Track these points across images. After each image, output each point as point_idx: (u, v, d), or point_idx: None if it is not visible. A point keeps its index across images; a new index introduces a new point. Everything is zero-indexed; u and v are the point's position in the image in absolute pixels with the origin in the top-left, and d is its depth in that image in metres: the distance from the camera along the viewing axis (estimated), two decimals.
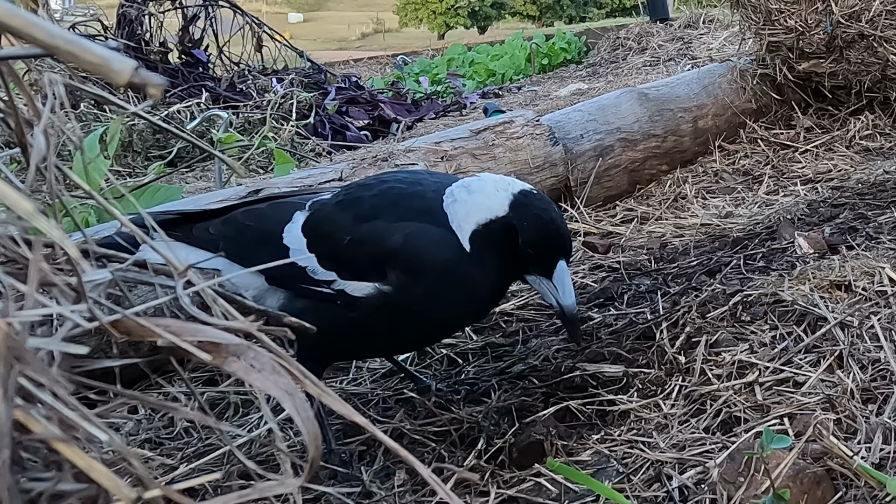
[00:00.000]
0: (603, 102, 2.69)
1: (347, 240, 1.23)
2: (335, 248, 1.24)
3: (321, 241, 1.25)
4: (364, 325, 1.25)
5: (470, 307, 1.31)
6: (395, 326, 1.26)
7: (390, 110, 4.36)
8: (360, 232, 1.23)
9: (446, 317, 1.30)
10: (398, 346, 1.40)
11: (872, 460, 1.10)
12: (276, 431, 0.65)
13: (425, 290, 1.22)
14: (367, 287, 1.22)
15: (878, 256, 1.65)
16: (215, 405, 1.55)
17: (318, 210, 1.29)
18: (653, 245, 2.08)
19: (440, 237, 1.23)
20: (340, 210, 1.27)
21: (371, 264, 1.22)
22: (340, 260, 1.24)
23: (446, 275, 1.23)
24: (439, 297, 1.24)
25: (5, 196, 0.54)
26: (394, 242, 1.21)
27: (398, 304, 1.22)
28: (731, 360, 1.37)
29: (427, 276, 1.22)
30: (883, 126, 2.83)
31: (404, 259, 1.21)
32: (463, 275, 1.23)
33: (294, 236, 1.27)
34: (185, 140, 3.25)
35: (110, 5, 4.92)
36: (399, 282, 1.21)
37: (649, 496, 1.15)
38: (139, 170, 3.15)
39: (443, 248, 1.23)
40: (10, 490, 0.48)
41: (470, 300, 1.28)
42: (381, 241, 1.22)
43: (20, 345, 0.51)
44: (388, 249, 1.21)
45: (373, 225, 1.23)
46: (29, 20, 0.53)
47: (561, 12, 32.18)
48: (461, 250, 1.23)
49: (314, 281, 1.24)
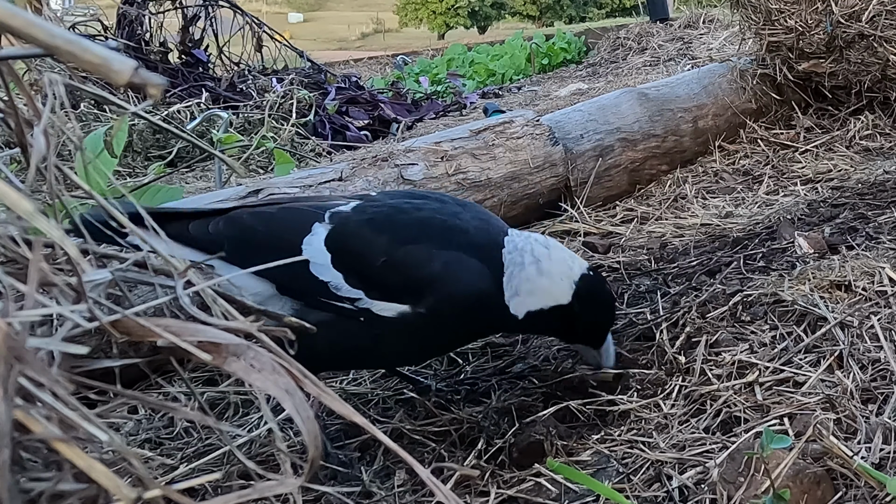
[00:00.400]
0: (603, 102, 2.69)
1: (382, 261, 1.23)
2: (366, 268, 1.24)
3: (349, 259, 1.24)
4: (383, 342, 1.26)
5: (488, 332, 1.44)
6: (416, 344, 1.29)
7: (390, 110, 4.36)
8: (398, 254, 1.24)
9: (466, 338, 1.39)
10: (409, 360, 1.44)
11: (872, 460, 1.10)
12: (276, 431, 0.65)
13: (458, 315, 1.25)
14: (396, 308, 1.23)
15: (878, 256, 1.65)
16: (215, 405, 1.55)
17: (342, 224, 1.27)
18: (653, 245, 2.08)
19: (480, 269, 1.26)
20: (372, 230, 1.26)
21: (405, 287, 1.23)
22: (370, 280, 1.23)
23: (480, 305, 1.27)
24: (468, 322, 1.29)
25: (5, 196, 0.54)
26: (434, 267, 1.23)
27: (427, 325, 1.24)
28: (731, 360, 1.37)
29: (462, 302, 1.25)
30: (883, 126, 2.83)
31: (444, 284, 1.23)
32: (494, 308, 1.28)
33: (316, 250, 1.25)
34: (185, 140, 3.25)
35: (110, 5, 4.92)
36: (433, 306, 1.23)
37: (649, 496, 1.15)
38: (139, 170, 3.15)
39: (481, 279, 1.26)
40: (10, 490, 0.48)
41: (491, 328, 1.38)
42: (421, 265, 1.23)
43: (20, 345, 0.51)
44: (427, 274, 1.23)
45: (412, 248, 1.24)
46: (29, 20, 0.53)
47: (561, 12, 32.18)
48: (498, 286, 1.27)
49: (336, 296, 1.24)
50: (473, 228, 1.30)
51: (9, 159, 1.53)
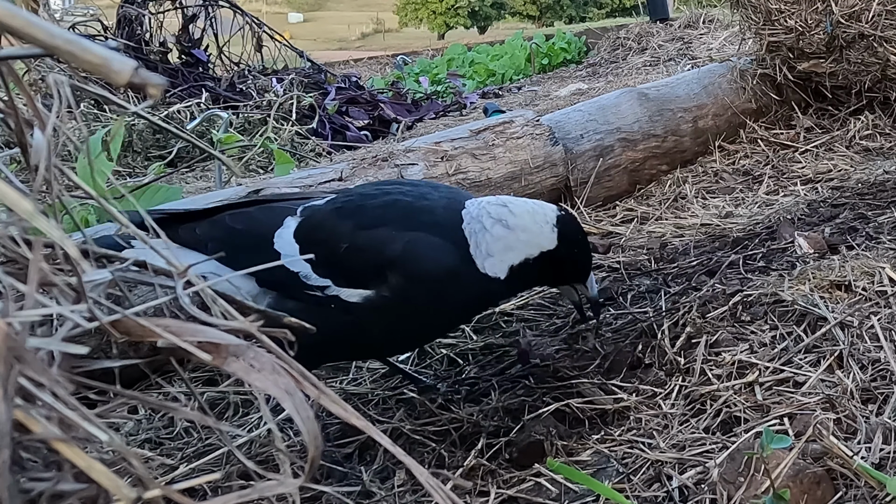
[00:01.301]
0: (603, 102, 2.69)
1: (344, 247, 1.24)
2: (331, 255, 1.24)
3: (316, 248, 1.25)
4: (358, 328, 1.26)
5: (469, 312, 1.37)
6: (391, 329, 1.28)
7: (390, 110, 4.36)
8: (359, 239, 1.24)
9: (445, 321, 1.34)
10: (393, 348, 1.42)
11: (872, 460, 1.10)
12: (276, 431, 0.65)
13: (426, 295, 1.24)
14: (361, 293, 1.23)
15: (878, 256, 1.65)
16: (215, 405, 1.55)
17: (311, 216, 1.29)
18: (653, 245, 2.08)
19: (442, 245, 1.25)
20: (338, 217, 1.27)
21: (369, 272, 1.23)
22: (336, 267, 1.24)
23: (449, 282, 1.25)
24: (439, 302, 1.26)
25: (5, 196, 0.54)
26: (394, 249, 1.23)
27: (395, 308, 1.23)
28: (731, 360, 1.37)
29: (428, 282, 1.23)
30: (883, 126, 2.83)
31: (405, 265, 1.22)
32: (465, 282, 1.26)
33: (285, 242, 1.27)
34: (185, 140, 3.25)
35: (110, 5, 4.92)
36: (399, 287, 1.22)
37: (649, 496, 1.15)
38: (139, 170, 3.15)
39: (445, 256, 1.25)
40: (10, 490, 0.48)
41: (468, 307, 1.33)
42: (381, 248, 1.23)
43: (20, 345, 0.51)
44: (388, 256, 1.23)
45: (373, 233, 1.24)
46: (29, 20, 0.53)
47: (561, 12, 32.17)
48: (465, 259, 1.26)
49: (306, 286, 1.25)
50: (440, 208, 1.30)
51: (9, 159, 1.53)
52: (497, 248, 1.27)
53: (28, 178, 0.63)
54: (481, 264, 1.27)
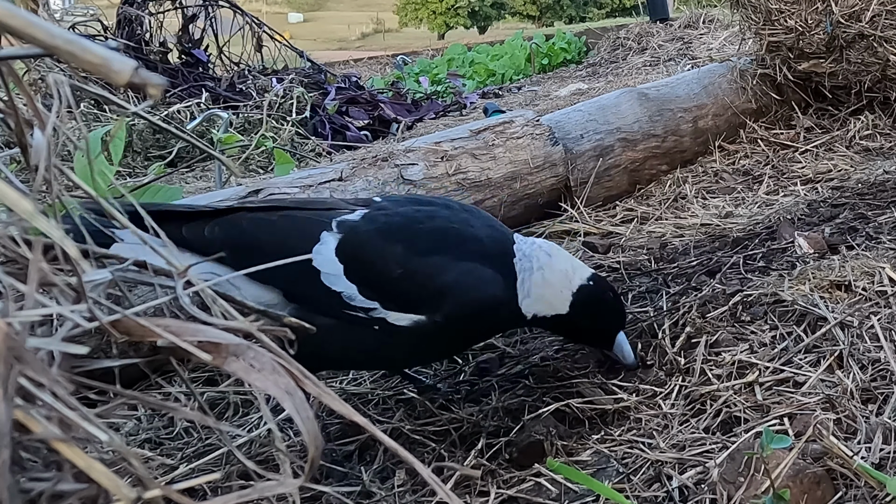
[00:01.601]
0: (603, 102, 2.69)
1: (398, 272, 1.24)
2: (381, 279, 1.24)
3: (363, 270, 1.23)
4: (395, 348, 1.27)
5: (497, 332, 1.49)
6: (428, 349, 1.32)
7: (390, 110, 4.36)
8: (414, 266, 1.24)
9: (478, 340, 1.45)
10: (419, 361, 1.47)
11: (872, 460, 1.10)
12: (276, 431, 0.65)
13: (471, 321, 1.28)
14: (412, 318, 1.24)
15: (878, 256, 1.65)
16: (215, 405, 1.55)
17: (353, 233, 1.25)
18: (653, 245, 2.08)
19: (494, 277, 1.29)
20: (385, 240, 1.25)
21: (422, 298, 1.24)
22: (386, 290, 1.23)
23: (495, 311, 1.30)
24: (480, 326, 1.32)
25: (5, 196, 0.54)
26: (450, 278, 1.25)
27: (440, 332, 1.26)
28: (731, 360, 1.37)
29: (478, 310, 1.28)
30: (883, 126, 2.83)
31: (460, 294, 1.25)
32: (506, 313, 1.32)
33: (327, 259, 1.23)
34: (185, 140, 3.25)
35: (110, 5, 4.92)
36: (450, 314, 1.25)
37: (649, 496, 1.15)
38: (139, 170, 3.15)
39: (497, 288, 1.29)
40: (10, 490, 0.48)
41: (498, 330, 1.45)
42: (437, 276, 1.25)
43: (20, 345, 0.51)
44: (444, 284, 1.24)
45: (429, 260, 1.25)
46: (29, 20, 0.53)
47: (561, 12, 32.17)
48: (510, 293, 1.31)
49: (349, 306, 1.23)
50: (485, 237, 1.32)
51: (9, 159, 1.53)
52: (535, 293, 1.32)
53: (28, 178, 0.63)
54: (521, 300, 1.32)
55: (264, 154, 3.17)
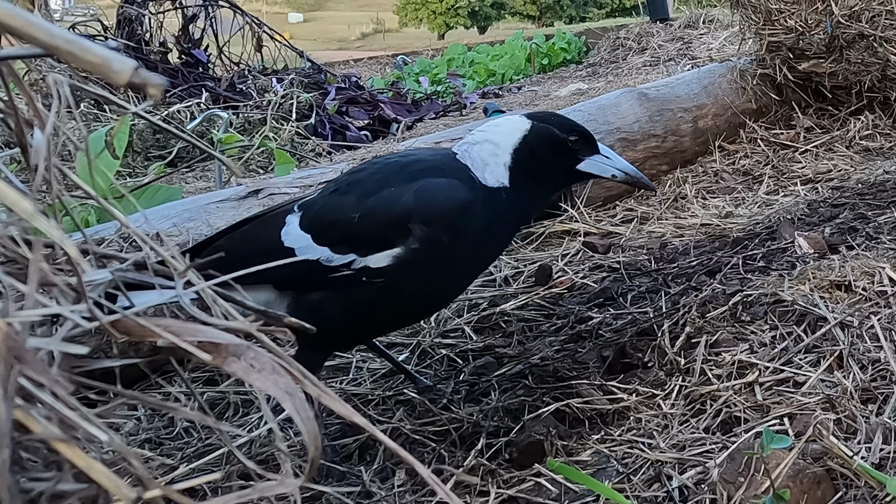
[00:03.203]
0: (603, 102, 2.69)
1: (357, 216, 1.25)
2: (346, 231, 1.25)
3: (328, 231, 1.26)
4: (394, 292, 1.25)
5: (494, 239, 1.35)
6: (427, 284, 1.28)
7: (390, 110, 4.36)
8: (369, 204, 1.25)
9: (475, 258, 1.34)
10: (430, 304, 1.39)
11: (872, 460, 1.10)
12: (276, 431, 0.65)
13: (450, 234, 1.24)
14: (390, 254, 1.23)
15: (878, 256, 1.65)
16: (215, 405, 1.55)
17: (312, 205, 1.30)
18: (653, 245, 2.08)
19: (448, 182, 1.27)
20: (340, 195, 1.29)
21: (391, 230, 1.23)
22: (355, 239, 1.24)
23: (467, 212, 1.26)
24: (464, 237, 1.26)
25: (5, 196, 0.54)
26: (407, 200, 1.24)
27: (427, 258, 1.24)
28: (731, 360, 1.37)
29: (449, 218, 1.24)
30: (883, 126, 2.83)
31: (423, 210, 1.23)
32: (480, 206, 1.27)
33: (295, 236, 1.27)
34: (185, 140, 3.25)
35: (110, 5, 4.92)
36: (424, 234, 1.23)
37: (649, 496, 1.15)
38: (139, 170, 3.15)
39: (455, 189, 1.27)
40: (10, 490, 0.48)
41: (491, 233, 1.32)
42: (394, 203, 1.24)
43: (20, 345, 0.51)
44: (403, 208, 1.23)
45: (381, 194, 1.26)
46: (29, 20, 0.53)
47: (561, 12, 32.17)
48: (475, 189, 1.28)
49: (331, 269, 1.24)
50: (428, 156, 1.35)
51: (9, 159, 1.53)
52: (487, 153, 1.30)
53: (28, 178, 0.63)
54: (482, 177, 1.29)
55: (264, 154, 3.18)
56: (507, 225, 1.36)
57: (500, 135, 1.33)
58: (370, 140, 3.88)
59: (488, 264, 1.49)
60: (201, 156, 3.28)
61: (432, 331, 1.73)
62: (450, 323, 1.76)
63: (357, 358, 1.65)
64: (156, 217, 1.77)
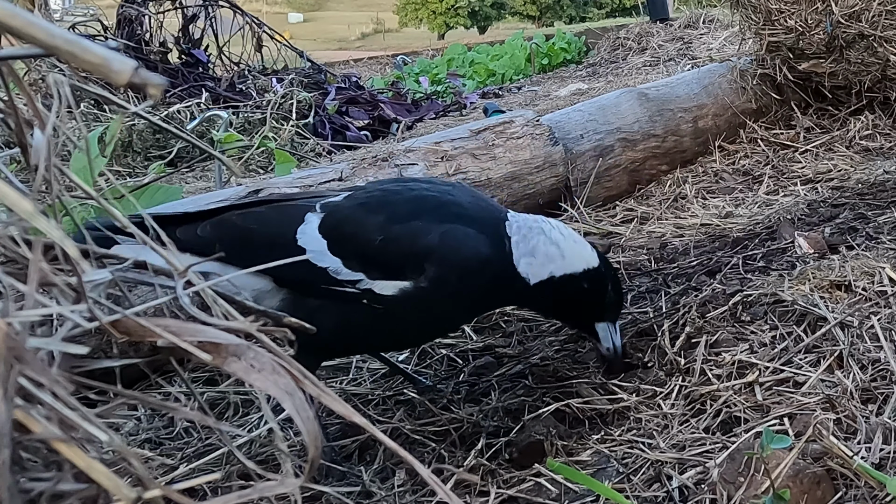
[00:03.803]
0: (603, 102, 2.69)
1: (379, 240, 1.23)
2: (363, 249, 1.24)
3: (346, 242, 1.25)
4: (387, 321, 1.25)
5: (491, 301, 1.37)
6: (420, 319, 1.28)
7: (390, 110, 4.36)
8: (395, 232, 1.24)
9: (471, 307, 1.34)
10: (416, 338, 1.41)
11: (872, 460, 1.10)
12: (277, 431, 0.65)
13: (459, 283, 1.24)
14: (398, 285, 1.23)
15: (878, 256, 1.65)
16: (215, 405, 1.55)
17: (335, 211, 1.28)
18: (653, 245, 2.08)
19: (476, 236, 1.26)
20: (366, 212, 1.27)
21: (405, 262, 1.23)
22: (369, 260, 1.23)
23: (483, 269, 1.26)
24: (470, 289, 1.26)
25: (5, 196, 0.54)
26: (431, 240, 1.23)
27: (429, 298, 1.23)
28: (731, 360, 1.37)
29: (465, 269, 1.24)
30: (883, 126, 2.83)
31: (443, 255, 1.23)
32: (497, 271, 1.27)
33: (311, 238, 1.25)
34: (185, 140, 3.25)
35: (110, 5, 4.92)
36: (436, 276, 1.23)
37: (649, 496, 1.15)
38: (139, 170, 3.15)
39: (481, 245, 1.26)
40: (10, 490, 0.48)
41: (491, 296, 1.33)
42: (418, 238, 1.24)
43: (20, 345, 0.51)
44: (425, 246, 1.23)
45: (409, 225, 1.25)
46: (29, 20, 0.53)
47: (561, 12, 32.17)
48: (499, 251, 1.28)
49: (336, 281, 1.23)
50: (467, 203, 1.32)
51: (9, 159, 1.53)
52: (541, 252, 1.30)
53: (28, 178, 0.63)
54: (517, 260, 1.29)
55: (264, 154, 3.18)
56: (503, 296, 1.37)
57: (569, 250, 1.32)
58: (370, 140, 3.88)
59: (469, 319, 1.51)
60: (201, 156, 3.28)
61: None
62: None
63: (357, 358, 1.65)
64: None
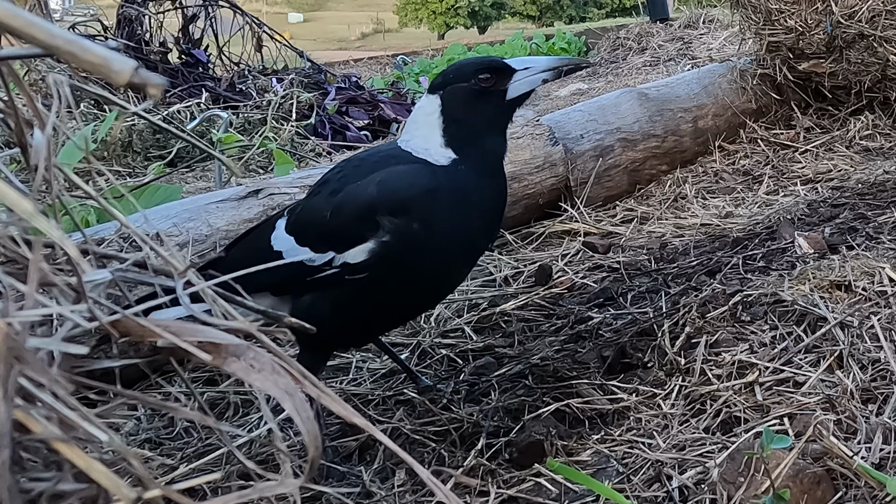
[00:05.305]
0: (603, 102, 2.69)
1: (328, 214, 1.27)
2: (321, 229, 1.27)
3: (307, 231, 1.29)
4: (379, 287, 1.25)
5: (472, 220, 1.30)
6: (410, 275, 1.26)
7: (390, 110, 4.35)
8: (336, 201, 1.27)
9: (455, 242, 1.29)
10: (423, 299, 1.37)
11: (872, 460, 1.10)
12: (276, 431, 0.65)
13: (418, 221, 1.23)
14: (365, 248, 1.24)
15: (878, 256, 1.65)
16: (215, 405, 1.55)
17: (294, 208, 1.35)
18: (653, 245, 2.08)
19: (408, 170, 1.27)
20: (313, 197, 1.34)
21: (360, 224, 1.24)
22: (331, 236, 1.26)
23: (428, 197, 1.24)
24: (433, 224, 1.24)
25: (5, 196, 0.54)
26: (370, 192, 1.25)
27: (402, 249, 1.23)
28: (731, 360, 1.37)
29: (412, 206, 1.23)
30: (883, 126, 2.83)
31: (385, 201, 1.23)
32: (450, 190, 1.25)
33: (282, 239, 1.31)
34: (185, 140, 3.25)
35: (110, 5, 4.92)
36: (392, 225, 1.23)
37: (649, 496, 1.15)
38: (139, 170, 3.15)
39: (410, 173, 1.27)
40: (10, 490, 0.48)
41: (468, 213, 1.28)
42: (357, 197, 1.26)
43: (20, 345, 0.51)
44: (367, 200, 1.24)
45: (345, 190, 1.28)
46: (29, 20, 0.53)
47: (561, 12, 32.17)
48: (435, 172, 1.27)
49: (316, 269, 1.26)
50: (382, 152, 1.36)
51: (9, 159, 1.53)
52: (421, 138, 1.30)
53: (28, 178, 0.63)
54: (431, 158, 1.28)
55: (264, 154, 3.18)
56: (484, 196, 1.30)
57: (424, 121, 1.32)
58: (370, 140, 3.88)
59: (478, 246, 1.39)
60: (201, 156, 3.28)
61: (432, 331, 1.73)
62: (450, 323, 1.76)
63: (357, 358, 1.65)
64: (156, 217, 1.76)
